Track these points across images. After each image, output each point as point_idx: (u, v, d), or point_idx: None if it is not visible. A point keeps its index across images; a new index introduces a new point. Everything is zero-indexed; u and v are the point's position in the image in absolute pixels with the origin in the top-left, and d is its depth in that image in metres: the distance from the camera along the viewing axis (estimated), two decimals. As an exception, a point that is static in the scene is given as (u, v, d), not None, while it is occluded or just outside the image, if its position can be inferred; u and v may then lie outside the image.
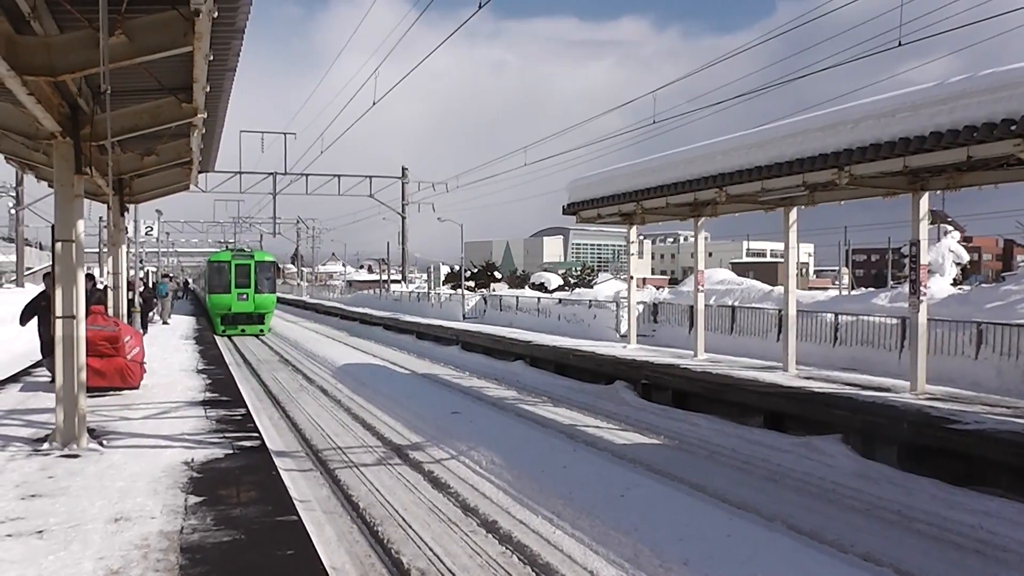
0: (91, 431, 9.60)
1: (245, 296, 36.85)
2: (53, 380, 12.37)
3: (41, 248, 64.34)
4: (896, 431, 11.15)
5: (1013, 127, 9.65)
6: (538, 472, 10.17)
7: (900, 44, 13.32)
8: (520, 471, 10.28)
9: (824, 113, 13.09)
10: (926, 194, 13.43)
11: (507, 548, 7.91)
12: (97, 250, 38.35)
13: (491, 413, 15.19)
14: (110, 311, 17.25)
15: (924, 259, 13.59)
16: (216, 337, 29.64)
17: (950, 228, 31.46)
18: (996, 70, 10.27)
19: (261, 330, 37.94)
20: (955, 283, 26.64)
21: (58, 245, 9.25)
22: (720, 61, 18.72)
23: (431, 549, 7.90)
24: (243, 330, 37.35)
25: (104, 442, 9.40)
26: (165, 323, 34.50)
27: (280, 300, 77.48)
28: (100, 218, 34.84)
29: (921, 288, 13.54)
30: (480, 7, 12.72)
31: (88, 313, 10.71)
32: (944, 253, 26.45)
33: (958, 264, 27.52)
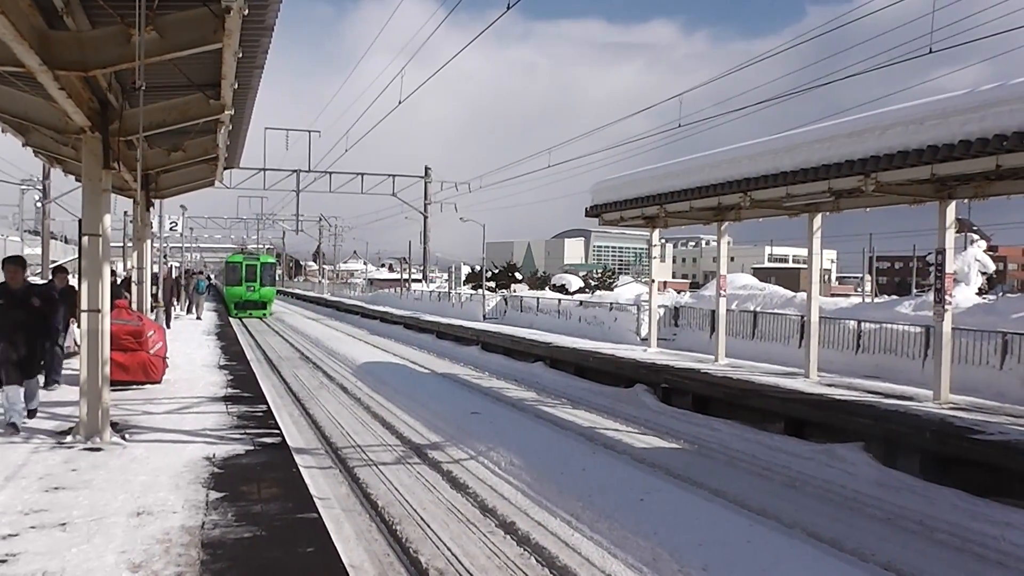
0: (114, 425, 9.67)
1: (252, 288, 47.45)
2: (11, 426, 9.39)
3: (67, 242, 64.89)
4: (919, 440, 11.05)
5: (1044, 136, 9.56)
6: (557, 474, 10.15)
7: (931, 51, 13.20)
8: (539, 473, 10.27)
9: (852, 119, 13.01)
10: (953, 202, 13.31)
11: (525, 550, 7.90)
12: (122, 244, 38.66)
13: (510, 414, 15.19)
14: (133, 305, 17.40)
15: (950, 268, 13.47)
16: (238, 335, 29.83)
17: (976, 237, 31.20)
18: (1028, 78, 10.17)
19: (264, 314, 47.88)
20: (980, 292, 26.40)
21: (85, 239, 9.33)
22: (748, 65, 18.66)
23: (449, 549, 7.90)
24: (250, 313, 47.29)
25: (127, 436, 9.47)
26: (198, 318, 35.01)
27: (300, 297, 79.61)
28: (125, 212, 35.19)
29: (946, 297, 13.42)
30: (508, 8, 12.71)
31: (112, 307, 10.79)
32: (970, 262, 26.22)
33: (984, 273, 27.27)
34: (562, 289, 57.21)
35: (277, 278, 60.70)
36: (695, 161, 17.23)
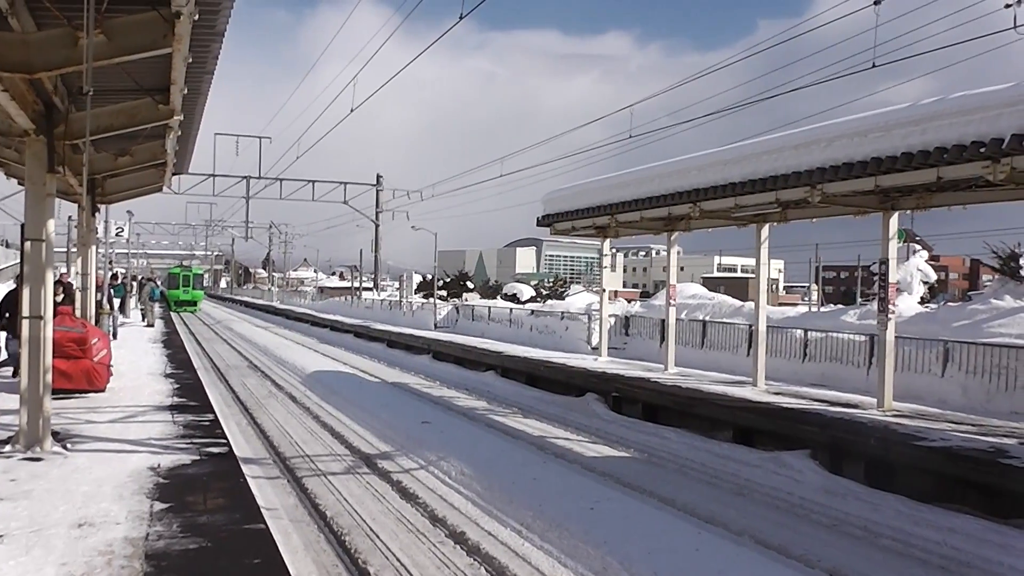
0: (55, 434, 9.47)
1: (187, 291, 66.08)
2: None
3: (7, 246, 63.44)
4: (863, 447, 11.25)
5: (982, 149, 9.80)
6: (508, 484, 10.15)
7: (874, 65, 13.50)
8: (490, 482, 10.26)
9: (798, 131, 13.22)
10: (896, 213, 13.59)
11: (475, 560, 7.88)
12: (66, 250, 37.87)
13: (461, 423, 15.16)
14: (77, 312, 17.06)
15: (893, 277, 13.74)
16: (185, 343, 29.41)
17: (919, 247, 31.84)
18: (967, 92, 10.43)
19: (195, 309, 65.54)
20: (923, 301, 26.95)
21: (27, 244, 9.13)
22: (700, 76, 18.87)
23: (399, 559, 7.85)
24: (185, 308, 64.49)
25: (69, 445, 9.28)
26: (150, 325, 34.57)
27: (249, 305, 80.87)
28: (70, 217, 34.46)
29: (889, 306, 13.68)
30: (461, 18, 12.76)
31: (55, 314, 10.57)
32: (912, 272, 26.73)
33: (926, 283, 27.81)
34: (514, 298, 57.26)
35: (204, 284, 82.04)
36: (645, 172, 17.37)
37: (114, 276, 33.14)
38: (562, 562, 7.73)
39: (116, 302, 30.90)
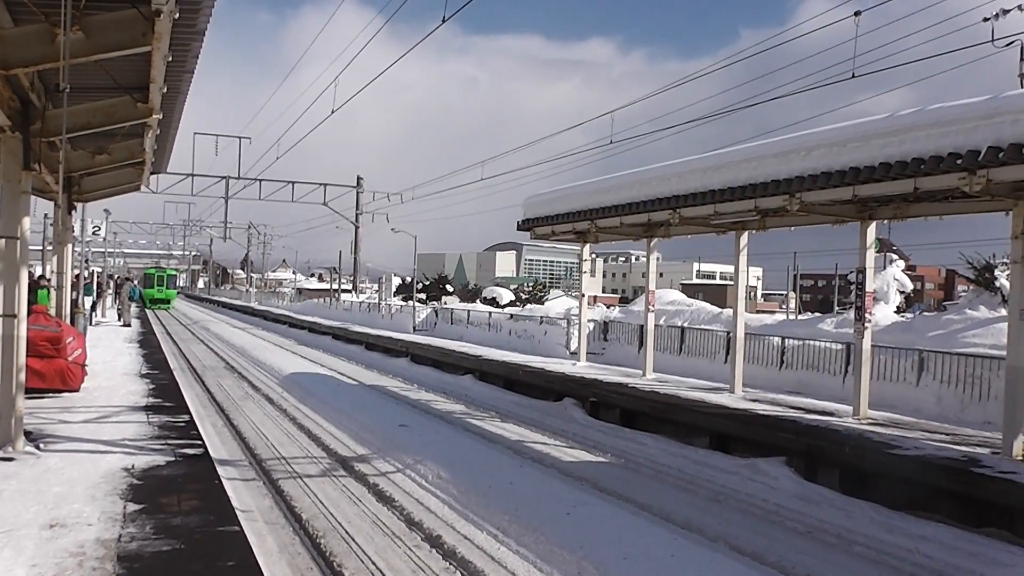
0: (28, 434, 9.37)
1: (161, 290, 71.09)
2: None
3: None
4: (838, 455, 11.32)
5: (959, 161, 9.89)
6: (484, 487, 10.13)
7: (854, 75, 13.61)
8: (466, 486, 10.24)
9: (778, 140, 13.31)
10: (874, 223, 13.70)
11: (451, 564, 7.86)
12: (41, 248, 37.45)
13: (439, 427, 15.12)
14: (52, 310, 16.89)
15: (870, 286, 13.84)
16: (161, 343, 29.20)
17: (895, 257, 32.06)
18: (945, 104, 10.53)
19: (168, 307, 70.28)
20: (899, 311, 27.11)
21: (2, 242, 9.04)
22: (681, 83, 18.97)
23: (374, 563, 7.82)
24: (159, 306, 68.68)
25: (41, 445, 9.18)
26: (127, 325, 34.33)
27: (227, 306, 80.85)
28: (45, 215, 34.11)
29: (866, 315, 13.78)
30: (444, 21, 12.76)
31: (29, 312, 10.46)
32: (889, 281, 26.92)
33: (902, 292, 28.00)
34: (493, 302, 57.17)
35: (179, 284, 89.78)
36: (626, 177, 17.43)
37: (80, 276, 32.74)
38: (538, 567, 7.73)
39: (87, 302, 30.67)
